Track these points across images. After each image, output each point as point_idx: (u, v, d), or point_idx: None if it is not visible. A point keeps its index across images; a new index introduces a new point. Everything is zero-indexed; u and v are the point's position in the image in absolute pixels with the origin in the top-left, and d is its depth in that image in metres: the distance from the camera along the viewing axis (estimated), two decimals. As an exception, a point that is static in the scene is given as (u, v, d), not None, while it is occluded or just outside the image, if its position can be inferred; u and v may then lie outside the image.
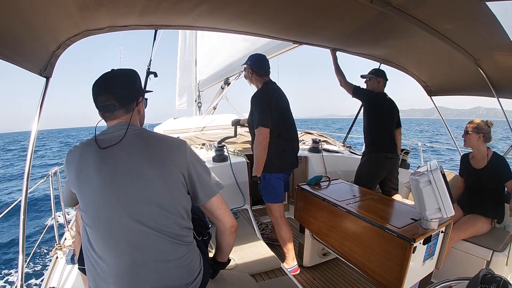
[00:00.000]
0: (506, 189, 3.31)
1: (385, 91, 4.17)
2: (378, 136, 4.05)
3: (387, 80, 4.13)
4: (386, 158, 3.99)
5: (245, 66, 3.55)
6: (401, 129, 4.38)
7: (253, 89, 3.61)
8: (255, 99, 3.28)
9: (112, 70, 1.61)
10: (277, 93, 3.38)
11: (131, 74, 1.63)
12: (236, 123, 4.74)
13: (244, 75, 3.61)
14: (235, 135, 5.02)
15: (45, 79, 2.34)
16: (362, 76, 4.23)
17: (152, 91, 1.89)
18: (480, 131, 3.35)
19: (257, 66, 3.43)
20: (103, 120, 1.62)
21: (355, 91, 4.12)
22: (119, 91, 1.56)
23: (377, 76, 4.09)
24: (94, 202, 1.42)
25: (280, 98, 3.39)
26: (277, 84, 3.52)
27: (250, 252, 3.02)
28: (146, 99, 1.81)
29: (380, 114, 4.03)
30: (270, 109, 3.22)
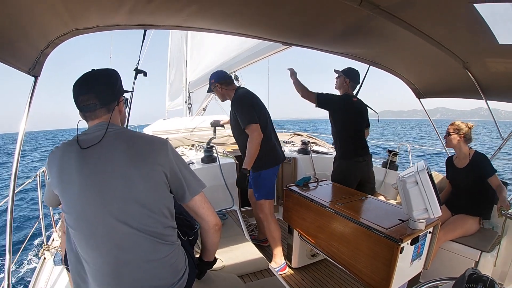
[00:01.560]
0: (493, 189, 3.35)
1: (354, 93, 4.08)
2: (346, 142, 3.94)
3: (357, 83, 4.03)
4: (357, 162, 3.90)
5: (211, 93, 3.73)
6: (368, 129, 4.27)
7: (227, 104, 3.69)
8: (236, 103, 3.40)
9: (93, 69, 1.61)
10: (252, 95, 3.50)
11: (111, 74, 1.63)
12: (215, 124, 4.72)
13: (216, 96, 3.71)
14: (215, 135, 5.01)
15: (33, 78, 2.32)
16: (335, 71, 4.08)
17: (132, 91, 1.88)
18: (460, 132, 3.46)
19: (222, 78, 3.54)
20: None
21: (319, 101, 3.88)
22: (100, 91, 1.56)
23: (346, 76, 3.94)
24: (76, 203, 1.41)
25: (256, 98, 3.51)
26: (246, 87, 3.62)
27: (238, 253, 3.01)
28: (127, 99, 1.81)
29: (347, 119, 3.91)
30: (254, 108, 3.31)
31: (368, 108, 4.13)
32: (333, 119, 4.01)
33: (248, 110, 3.28)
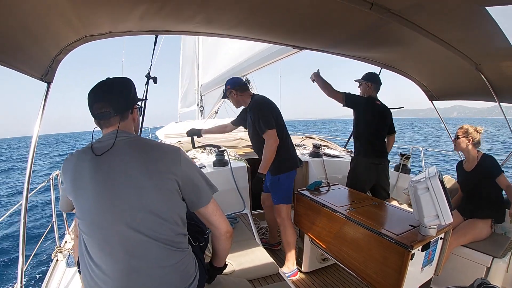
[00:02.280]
0: (505, 194, 3.32)
1: (377, 96, 4.14)
2: (366, 142, 4.02)
3: (379, 84, 4.10)
4: (373, 164, 3.96)
5: (225, 98, 3.81)
6: (394, 135, 4.33)
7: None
8: (255, 108, 3.42)
9: (108, 78, 1.63)
10: (268, 100, 3.53)
11: (126, 82, 1.65)
12: (193, 134, 4.33)
13: (231, 101, 3.76)
14: (194, 147, 4.71)
15: (46, 84, 2.35)
16: (356, 80, 4.20)
17: (147, 99, 1.90)
18: (469, 136, 3.45)
19: (237, 84, 3.58)
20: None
21: (347, 100, 3.99)
22: (115, 99, 1.58)
23: (367, 81, 4.06)
24: (89, 209, 1.43)
25: (272, 103, 3.53)
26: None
27: (248, 257, 3.01)
28: (141, 107, 1.82)
29: (368, 119, 3.98)
30: (272, 114, 3.35)
31: (392, 114, 4.20)
32: (356, 120, 4.10)
33: (267, 116, 3.31)
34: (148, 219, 1.43)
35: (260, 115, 3.33)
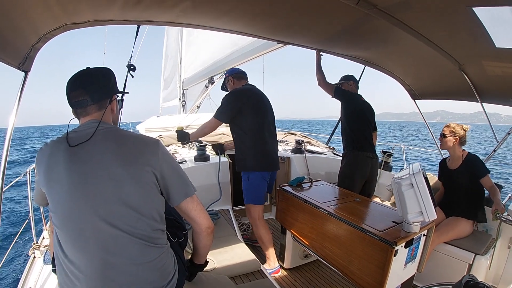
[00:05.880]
0: (486, 192, 3.35)
1: (361, 94, 4.22)
2: (358, 136, 3.99)
3: (357, 81, 4.22)
4: (367, 157, 3.95)
5: (224, 84, 3.79)
6: (376, 133, 4.34)
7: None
8: (225, 95, 3.45)
9: (88, 67, 1.59)
10: (251, 93, 3.45)
11: (105, 72, 1.61)
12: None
13: (226, 86, 3.76)
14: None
15: (23, 73, 2.27)
16: (338, 83, 4.24)
17: (128, 93, 1.86)
18: (456, 134, 3.46)
19: (234, 72, 3.63)
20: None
21: (336, 91, 4.07)
22: (92, 87, 1.53)
23: (347, 80, 4.17)
24: (63, 202, 1.37)
25: (256, 97, 3.46)
26: (255, 86, 3.61)
27: (230, 254, 2.97)
28: (122, 100, 1.77)
29: (358, 114, 4.02)
30: (236, 108, 3.32)
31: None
32: (345, 113, 4.11)
33: (225, 107, 3.35)
34: (123, 213, 1.38)
35: (223, 103, 3.37)
